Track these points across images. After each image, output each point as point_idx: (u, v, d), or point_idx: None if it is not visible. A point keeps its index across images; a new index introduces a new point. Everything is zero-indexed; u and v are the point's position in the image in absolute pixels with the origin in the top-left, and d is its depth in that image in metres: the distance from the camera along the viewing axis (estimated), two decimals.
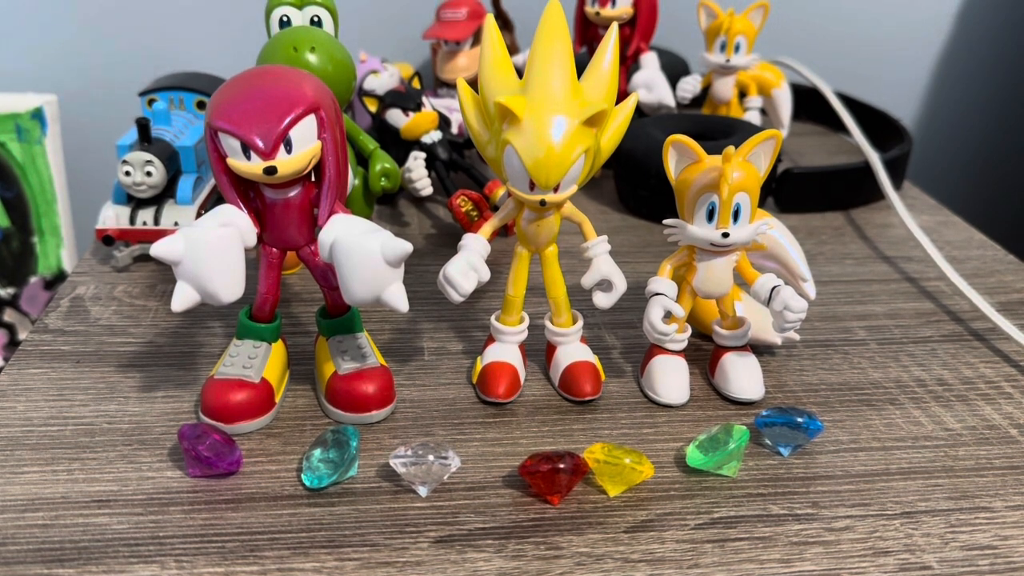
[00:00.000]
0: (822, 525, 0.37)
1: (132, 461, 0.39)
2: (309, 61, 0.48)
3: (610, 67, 0.40)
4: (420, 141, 0.64)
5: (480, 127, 0.41)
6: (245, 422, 0.41)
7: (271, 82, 0.38)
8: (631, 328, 0.51)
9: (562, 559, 0.35)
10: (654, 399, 0.45)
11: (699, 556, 0.35)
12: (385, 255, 0.37)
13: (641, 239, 0.63)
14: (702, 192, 0.41)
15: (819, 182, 0.68)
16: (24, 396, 0.44)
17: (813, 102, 0.83)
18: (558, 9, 0.39)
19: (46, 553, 0.34)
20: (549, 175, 0.38)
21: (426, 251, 0.60)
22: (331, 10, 0.54)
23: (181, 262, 0.37)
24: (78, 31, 0.87)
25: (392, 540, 0.35)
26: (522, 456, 0.38)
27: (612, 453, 0.37)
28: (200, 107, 0.63)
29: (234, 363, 0.42)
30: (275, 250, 0.42)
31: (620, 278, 0.44)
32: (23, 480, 0.38)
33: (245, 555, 0.34)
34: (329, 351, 0.44)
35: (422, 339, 0.50)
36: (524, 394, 0.45)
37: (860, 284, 0.58)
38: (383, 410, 0.43)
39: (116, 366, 0.46)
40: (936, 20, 1.01)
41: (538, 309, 0.49)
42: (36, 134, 0.80)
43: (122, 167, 0.55)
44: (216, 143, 0.38)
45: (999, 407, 0.45)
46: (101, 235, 0.56)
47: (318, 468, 0.38)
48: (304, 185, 0.40)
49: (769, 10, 0.72)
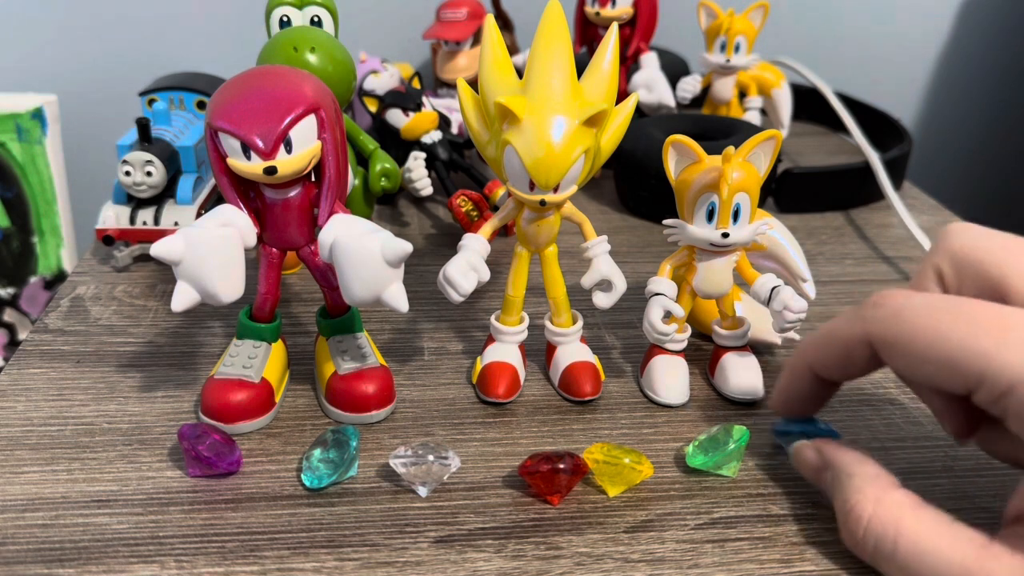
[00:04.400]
0: (822, 525, 0.37)
1: (132, 461, 0.39)
2: (309, 61, 0.48)
3: (610, 67, 0.40)
4: (420, 141, 0.64)
5: (480, 127, 0.41)
6: (245, 422, 0.41)
7: (271, 82, 0.38)
8: (631, 328, 0.51)
9: (562, 559, 0.35)
10: (654, 399, 0.45)
11: (699, 556, 0.35)
12: (385, 255, 0.37)
13: (641, 239, 0.63)
14: (702, 192, 0.41)
15: (819, 182, 0.68)
16: (24, 396, 0.44)
17: (813, 102, 0.83)
18: (558, 9, 0.39)
19: (46, 553, 0.34)
20: (549, 175, 0.38)
21: (426, 251, 0.61)
22: (331, 10, 0.54)
23: (181, 262, 0.37)
24: (78, 31, 0.87)
25: (392, 540, 0.35)
26: (522, 456, 0.38)
27: (612, 453, 0.37)
28: (200, 107, 0.63)
29: (234, 363, 0.42)
30: (275, 250, 0.42)
31: (620, 278, 0.44)
32: (23, 480, 0.38)
33: (245, 555, 0.34)
34: (329, 351, 0.44)
35: (422, 339, 0.50)
36: (524, 394, 0.45)
37: (860, 284, 0.58)
38: (383, 410, 0.43)
39: (116, 366, 0.46)
40: (936, 20, 1.01)
41: (538, 309, 0.49)
42: (36, 134, 0.80)
43: (122, 167, 0.55)
44: (216, 143, 0.38)
45: None
46: (101, 235, 0.56)
47: (318, 468, 0.38)
48: (304, 185, 0.40)
49: (769, 10, 0.72)
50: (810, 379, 0.36)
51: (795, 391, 0.37)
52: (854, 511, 0.32)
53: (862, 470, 0.33)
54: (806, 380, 0.36)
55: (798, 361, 0.36)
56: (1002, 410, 0.29)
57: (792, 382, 0.37)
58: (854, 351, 0.33)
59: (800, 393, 0.37)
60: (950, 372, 0.29)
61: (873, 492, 0.32)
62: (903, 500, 0.31)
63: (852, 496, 0.32)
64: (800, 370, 0.36)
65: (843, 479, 0.33)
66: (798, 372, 0.37)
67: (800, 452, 0.37)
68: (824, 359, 0.35)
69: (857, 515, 0.32)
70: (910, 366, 0.31)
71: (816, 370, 0.36)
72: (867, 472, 0.33)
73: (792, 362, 0.37)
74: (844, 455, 0.34)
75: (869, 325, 0.32)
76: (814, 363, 0.36)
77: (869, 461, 0.34)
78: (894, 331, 0.31)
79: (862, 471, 0.33)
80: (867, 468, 0.33)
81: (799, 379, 0.37)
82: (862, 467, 0.33)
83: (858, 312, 0.33)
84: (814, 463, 0.36)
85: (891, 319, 0.31)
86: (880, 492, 0.32)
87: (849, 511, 0.32)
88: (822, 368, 0.35)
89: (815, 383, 0.36)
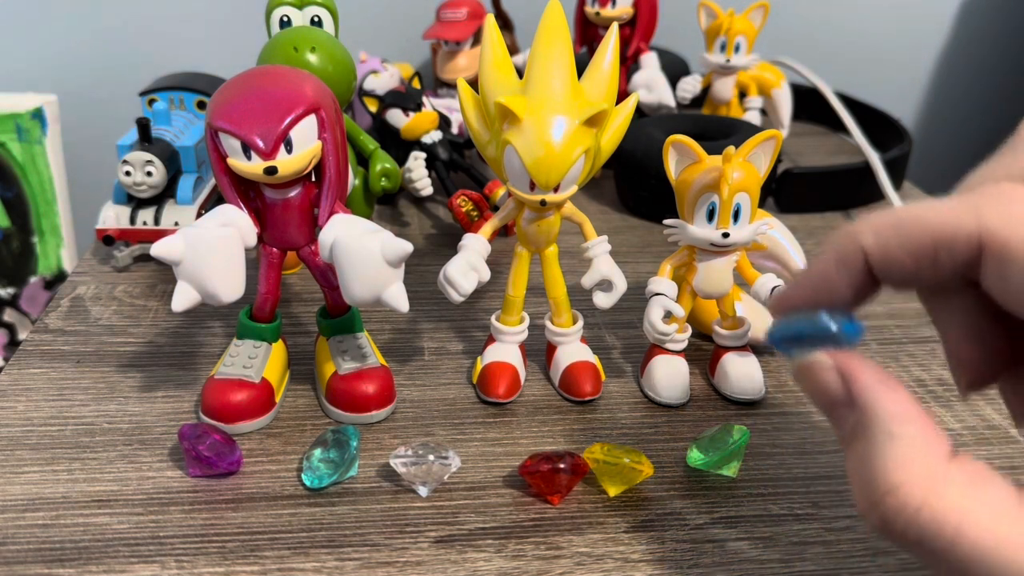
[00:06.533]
0: (822, 525, 0.37)
1: (132, 461, 0.39)
2: (309, 61, 0.48)
3: (610, 67, 0.40)
4: (420, 141, 0.64)
5: (480, 127, 0.41)
6: (245, 422, 0.41)
7: (271, 82, 0.38)
8: (631, 328, 0.51)
9: (562, 559, 0.35)
10: (654, 399, 0.45)
11: (699, 556, 0.35)
12: (385, 255, 0.37)
13: (641, 239, 0.63)
14: (702, 192, 0.41)
15: (819, 182, 0.68)
16: (24, 396, 0.44)
17: (813, 102, 0.83)
18: (558, 9, 0.39)
19: (46, 553, 0.34)
20: (549, 175, 0.38)
21: (426, 251, 0.61)
22: (331, 10, 0.54)
23: (181, 262, 0.37)
24: (78, 31, 0.87)
25: (392, 540, 0.35)
26: (522, 456, 0.38)
27: (612, 453, 0.37)
28: (200, 107, 0.63)
29: (234, 363, 0.42)
30: (275, 250, 0.42)
31: (620, 278, 0.44)
32: (23, 480, 0.38)
33: (245, 555, 0.34)
34: (329, 351, 0.44)
35: (422, 339, 0.50)
36: (524, 394, 0.45)
37: None
38: (383, 410, 0.43)
39: (116, 366, 0.46)
40: (936, 20, 1.01)
41: (538, 309, 0.49)
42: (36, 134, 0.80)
43: (122, 167, 0.55)
44: (216, 143, 0.38)
45: (999, 407, 0.45)
46: (101, 235, 0.56)
47: (318, 468, 0.38)
48: (304, 185, 0.40)
49: (769, 10, 0.72)
50: (858, 271, 0.26)
51: (828, 283, 0.26)
52: (896, 496, 0.23)
53: (908, 430, 0.24)
54: (853, 271, 0.26)
55: (849, 244, 0.26)
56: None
57: (829, 270, 0.26)
58: (951, 248, 0.24)
59: (833, 287, 0.26)
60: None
61: (925, 472, 0.23)
62: (964, 484, 0.23)
63: (894, 472, 0.24)
64: (850, 256, 0.26)
65: (879, 437, 0.24)
66: (846, 258, 0.26)
67: (814, 372, 0.26)
68: (896, 248, 0.25)
69: (901, 503, 0.23)
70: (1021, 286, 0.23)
71: (875, 260, 0.25)
72: (915, 435, 0.24)
73: (839, 244, 0.26)
74: (883, 396, 0.25)
75: (989, 220, 0.23)
76: (877, 250, 0.25)
77: (917, 412, 0.24)
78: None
79: (908, 432, 0.24)
80: (915, 428, 0.24)
81: (843, 267, 0.26)
82: (908, 425, 0.24)
83: (969, 200, 0.24)
84: (834, 393, 0.26)
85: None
86: (934, 475, 0.23)
87: (887, 492, 0.24)
88: (885, 258, 0.25)
89: (860, 279, 0.26)
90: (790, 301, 0.27)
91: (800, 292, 0.27)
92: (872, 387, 0.25)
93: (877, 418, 0.25)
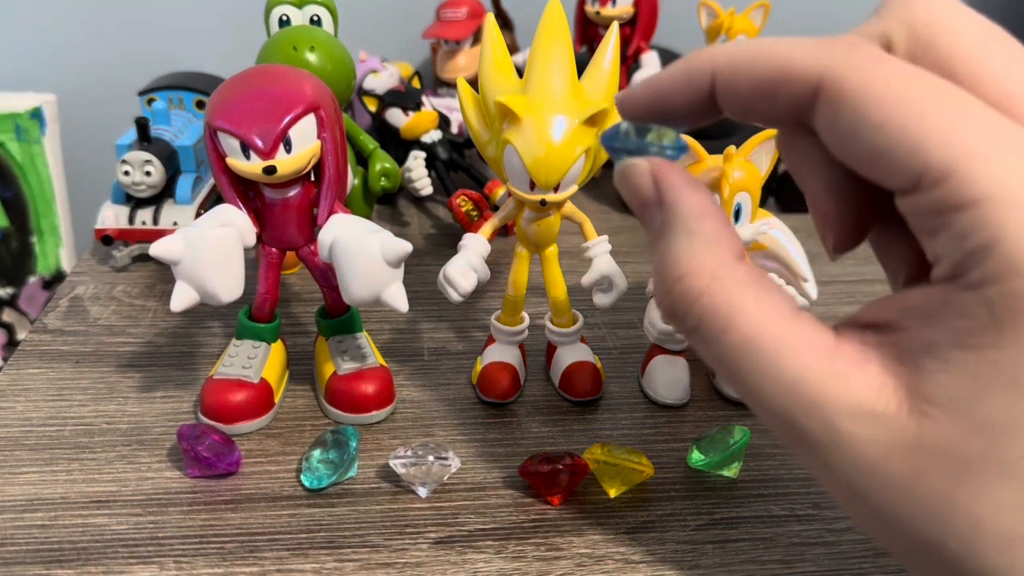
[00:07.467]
0: (823, 526, 0.36)
1: (131, 461, 0.39)
2: (309, 60, 0.48)
3: (610, 67, 0.40)
4: (420, 141, 0.64)
5: (480, 127, 0.41)
6: (244, 422, 0.41)
7: (270, 81, 0.38)
8: (631, 328, 0.51)
9: (563, 560, 0.34)
10: (654, 399, 0.44)
11: (700, 557, 0.35)
12: (385, 255, 0.37)
13: (641, 239, 0.63)
14: None
15: None
16: (23, 396, 0.44)
17: None
18: (558, 9, 0.39)
19: (45, 553, 0.34)
20: (549, 174, 0.38)
21: (426, 251, 0.60)
22: (331, 9, 0.54)
23: (180, 262, 0.37)
24: (78, 31, 0.87)
25: (392, 541, 0.35)
26: (522, 456, 0.38)
27: (612, 453, 0.37)
28: (199, 106, 0.63)
29: (233, 363, 0.42)
30: (275, 250, 0.42)
31: (620, 278, 0.44)
32: (22, 480, 0.38)
33: (244, 556, 0.34)
34: (329, 351, 0.44)
35: (422, 339, 0.50)
36: (524, 394, 0.45)
37: (862, 284, 0.58)
38: (383, 410, 0.43)
39: (115, 366, 0.46)
40: None
41: (538, 309, 0.49)
42: (35, 134, 0.80)
43: (121, 167, 0.55)
44: (215, 142, 0.38)
45: None
46: (100, 235, 0.56)
47: (318, 469, 0.37)
48: (304, 185, 0.40)
49: (770, 9, 0.72)
50: (702, 90, 0.27)
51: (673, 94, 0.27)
52: (683, 283, 0.25)
53: (704, 226, 0.26)
54: (697, 89, 0.27)
55: (702, 62, 0.26)
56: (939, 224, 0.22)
57: (677, 82, 0.27)
58: (791, 85, 0.25)
59: (676, 99, 0.27)
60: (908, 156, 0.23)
61: (712, 263, 0.25)
62: (745, 280, 0.25)
63: (686, 262, 0.25)
64: (698, 73, 0.26)
65: (677, 232, 0.26)
66: (694, 74, 0.26)
67: (630, 174, 0.28)
68: (742, 75, 0.26)
69: (686, 288, 0.25)
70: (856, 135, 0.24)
71: (721, 82, 0.26)
72: (709, 231, 0.26)
73: (692, 60, 0.27)
74: (686, 197, 0.26)
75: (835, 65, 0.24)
76: (725, 74, 0.26)
77: (714, 211, 0.26)
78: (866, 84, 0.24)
79: (703, 228, 0.26)
80: (710, 224, 0.26)
81: (689, 83, 0.27)
82: (704, 221, 0.26)
83: (823, 45, 0.25)
84: (646, 194, 0.27)
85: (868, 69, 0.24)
86: (719, 265, 0.25)
87: (677, 279, 0.25)
88: (729, 84, 0.26)
89: (702, 98, 0.27)
90: (630, 104, 0.28)
91: (640, 99, 0.28)
92: (678, 186, 0.27)
93: (678, 215, 0.26)
